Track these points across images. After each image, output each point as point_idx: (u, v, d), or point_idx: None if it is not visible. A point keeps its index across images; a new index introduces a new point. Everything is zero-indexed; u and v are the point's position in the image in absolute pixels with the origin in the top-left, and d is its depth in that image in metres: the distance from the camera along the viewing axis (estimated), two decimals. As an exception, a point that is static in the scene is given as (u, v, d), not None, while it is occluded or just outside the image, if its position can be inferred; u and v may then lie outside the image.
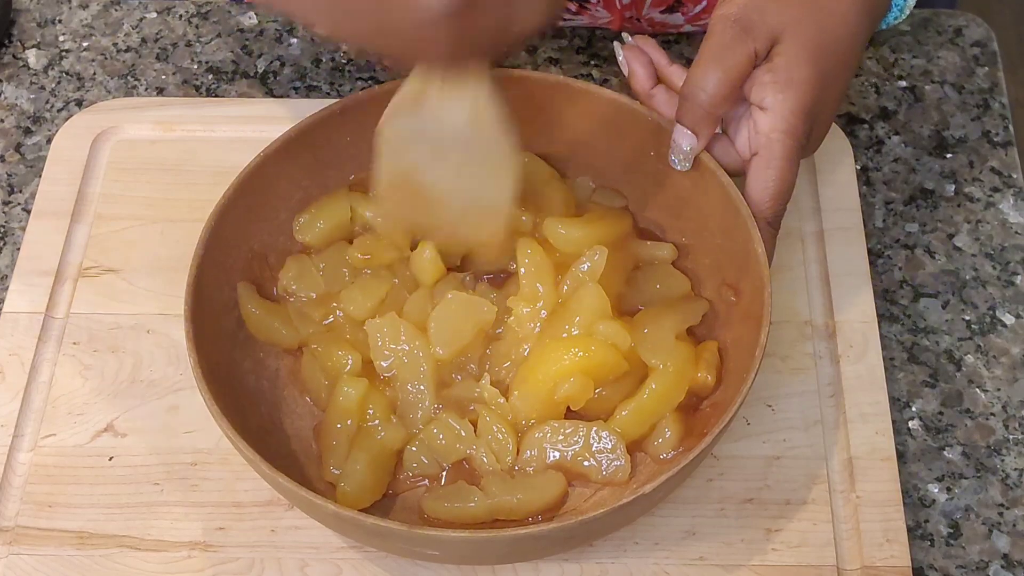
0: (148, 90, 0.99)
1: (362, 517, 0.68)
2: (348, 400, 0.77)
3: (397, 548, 0.73)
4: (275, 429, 0.78)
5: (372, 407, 0.77)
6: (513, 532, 0.68)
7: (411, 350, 0.78)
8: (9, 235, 0.92)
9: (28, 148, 0.96)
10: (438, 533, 0.68)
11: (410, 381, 0.78)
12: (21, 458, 0.81)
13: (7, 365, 0.84)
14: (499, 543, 0.69)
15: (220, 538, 0.77)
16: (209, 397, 0.71)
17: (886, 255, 0.90)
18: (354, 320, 0.81)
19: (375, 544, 0.74)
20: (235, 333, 0.80)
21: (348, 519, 0.68)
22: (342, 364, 0.79)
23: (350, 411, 0.77)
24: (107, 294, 0.87)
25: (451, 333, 0.78)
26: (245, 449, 0.69)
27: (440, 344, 0.78)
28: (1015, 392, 0.84)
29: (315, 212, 0.84)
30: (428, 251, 0.81)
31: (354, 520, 0.68)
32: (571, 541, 0.73)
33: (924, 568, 0.78)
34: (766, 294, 0.74)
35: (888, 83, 0.98)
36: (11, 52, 1.02)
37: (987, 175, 0.94)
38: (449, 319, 0.79)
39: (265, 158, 0.80)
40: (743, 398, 0.71)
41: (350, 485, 0.75)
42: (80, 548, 0.77)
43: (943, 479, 0.81)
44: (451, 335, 0.78)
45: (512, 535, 0.68)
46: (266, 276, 0.83)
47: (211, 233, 0.77)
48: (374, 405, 0.77)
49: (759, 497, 0.78)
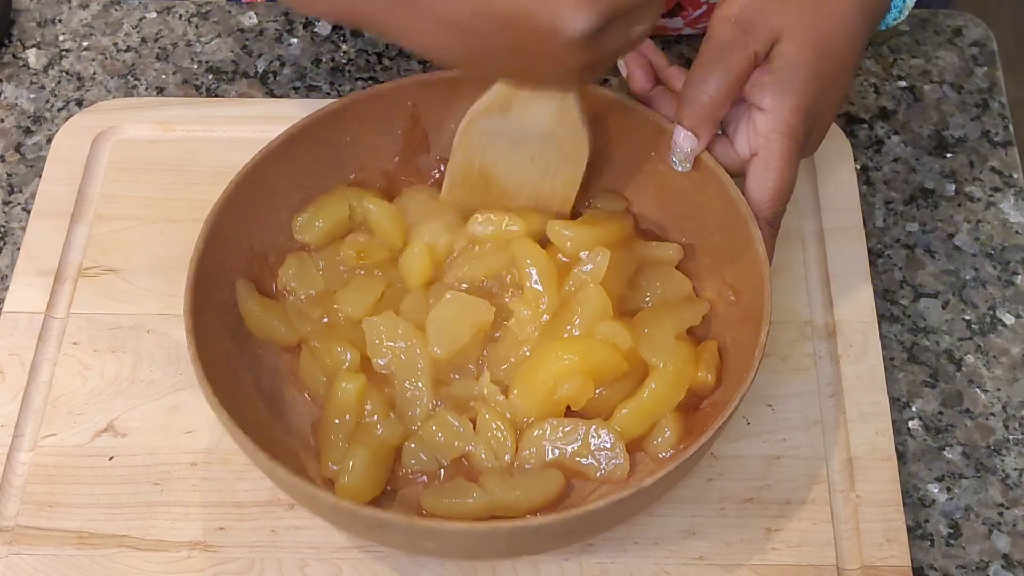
0: (148, 90, 0.99)
1: (360, 508, 0.68)
2: (347, 395, 0.77)
3: (395, 541, 0.73)
4: (274, 425, 0.78)
5: (370, 403, 0.77)
6: (512, 524, 0.68)
7: (408, 348, 0.78)
8: (9, 235, 0.92)
9: (28, 148, 0.96)
10: (436, 525, 0.68)
11: (407, 378, 0.78)
12: (21, 458, 0.81)
13: (7, 365, 0.84)
14: (498, 535, 0.69)
15: (220, 538, 0.77)
16: (209, 390, 0.71)
17: (886, 255, 0.90)
18: (351, 319, 0.81)
19: (373, 538, 0.74)
20: (235, 330, 0.80)
21: (346, 511, 0.68)
22: (340, 361, 0.79)
23: (348, 407, 0.77)
24: (107, 294, 0.87)
25: (449, 333, 0.78)
26: (244, 441, 0.69)
27: (438, 344, 0.78)
28: (1015, 392, 0.84)
29: (314, 211, 0.84)
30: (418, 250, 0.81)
31: (352, 512, 0.68)
32: (571, 535, 0.73)
33: (924, 568, 0.78)
34: (766, 294, 0.74)
35: (888, 83, 0.98)
36: (11, 52, 1.02)
37: (987, 175, 0.94)
38: (447, 319, 0.78)
39: (264, 156, 0.80)
40: (743, 397, 0.71)
41: (350, 480, 0.75)
42: (80, 548, 0.77)
43: (943, 479, 0.81)
44: (449, 335, 0.78)
45: (511, 527, 0.68)
46: (266, 274, 0.83)
47: (211, 229, 0.77)
48: (372, 401, 0.77)
49: (759, 497, 0.78)
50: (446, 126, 0.84)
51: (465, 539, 0.69)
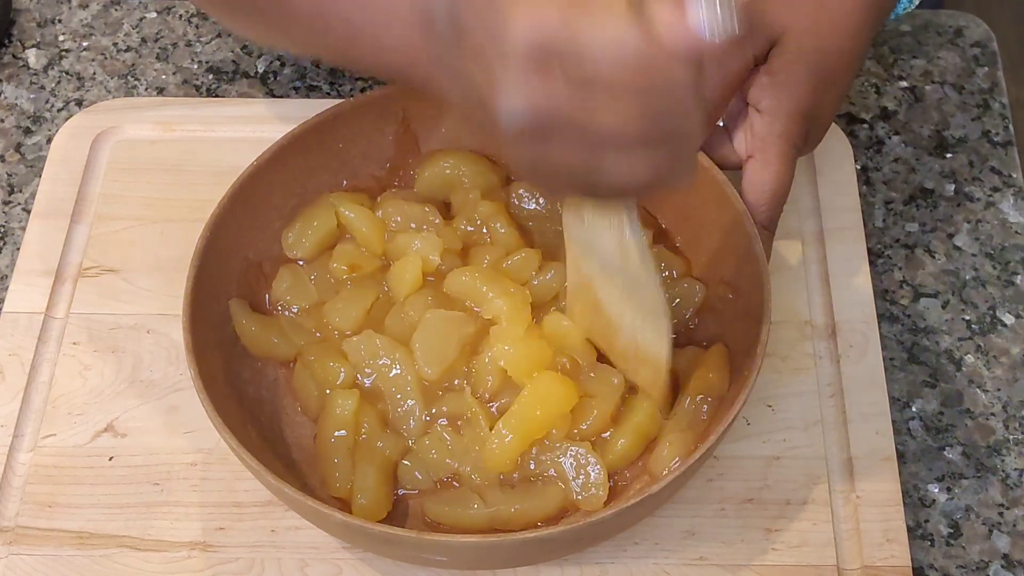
0: (148, 90, 0.99)
1: (370, 526, 0.68)
2: (344, 411, 0.76)
3: (406, 555, 0.73)
4: (276, 439, 0.78)
5: (367, 423, 0.77)
6: (521, 536, 0.68)
7: (391, 363, 0.78)
8: (9, 235, 0.92)
9: (28, 148, 0.96)
10: (447, 539, 0.68)
11: (398, 393, 0.78)
12: (21, 458, 0.81)
13: (7, 365, 0.84)
14: (506, 547, 0.69)
15: (220, 538, 0.77)
16: (212, 409, 0.71)
17: (886, 255, 0.90)
18: (342, 331, 0.80)
19: (382, 551, 0.74)
20: (233, 343, 0.80)
21: (357, 528, 0.68)
22: (334, 375, 0.79)
23: (345, 424, 0.76)
24: (107, 294, 0.87)
25: (437, 352, 0.78)
26: (250, 461, 0.69)
27: (427, 364, 0.77)
28: (1015, 392, 0.84)
29: (302, 226, 0.83)
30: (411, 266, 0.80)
31: (362, 529, 0.68)
32: (579, 543, 0.73)
33: (924, 568, 0.78)
34: (765, 292, 0.74)
35: (888, 83, 0.98)
36: (11, 52, 1.02)
37: (987, 175, 0.94)
38: (433, 338, 0.78)
39: (257, 168, 0.80)
40: (745, 397, 0.71)
41: (366, 498, 0.74)
42: (80, 548, 0.77)
43: (943, 479, 0.81)
44: (437, 354, 0.78)
45: (520, 539, 0.68)
46: (261, 285, 0.83)
47: (207, 244, 0.77)
48: (367, 419, 0.77)
49: (759, 497, 0.78)
50: (436, 130, 0.84)
51: (473, 552, 0.69)
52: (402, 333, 0.79)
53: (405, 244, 0.82)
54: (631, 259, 0.70)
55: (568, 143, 0.59)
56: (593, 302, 0.74)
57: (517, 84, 0.57)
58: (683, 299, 0.81)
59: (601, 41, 0.55)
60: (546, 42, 0.56)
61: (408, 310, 0.79)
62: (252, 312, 0.81)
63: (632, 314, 0.72)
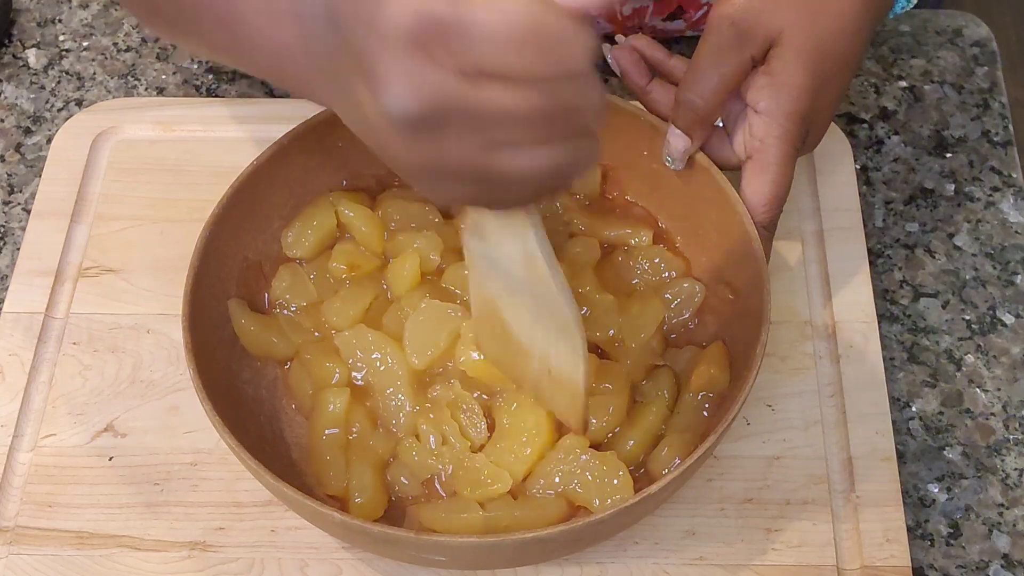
0: (148, 90, 0.99)
1: (370, 526, 0.68)
2: (335, 408, 0.77)
3: (405, 555, 0.73)
4: (275, 439, 0.78)
5: (357, 421, 0.77)
6: (521, 536, 0.67)
7: (383, 358, 0.78)
8: (9, 235, 0.92)
9: (28, 148, 0.96)
10: (447, 539, 0.68)
11: (388, 388, 0.78)
12: (21, 458, 0.81)
13: (7, 365, 0.84)
14: (506, 547, 0.69)
15: (220, 538, 0.77)
16: (211, 409, 0.71)
17: (886, 255, 0.90)
18: (340, 331, 0.80)
19: (382, 551, 0.74)
20: (233, 342, 0.80)
21: (356, 528, 0.68)
22: (329, 374, 0.79)
23: (337, 421, 0.77)
24: (107, 294, 0.87)
25: (425, 342, 0.78)
26: (249, 460, 0.69)
27: (415, 353, 0.78)
28: (1015, 392, 0.84)
29: (301, 226, 0.83)
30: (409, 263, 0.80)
31: (362, 529, 0.68)
32: (579, 543, 0.73)
33: (924, 568, 0.78)
34: (765, 291, 0.74)
35: (888, 83, 0.98)
36: (11, 52, 1.02)
37: (987, 175, 0.94)
38: (424, 328, 0.78)
39: (258, 167, 0.80)
40: (745, 397, 0.71)
41: (363, 497, 0.75)
42: (80, 548, 0.77)
43: (943, 479, 0.81)
44: (425, 344, 0.78)
45: (520, 539, 0.68)
46: (260, 284, 0.83)
47: (206, 244, 0.77)
48: (358, 417, 0.77)
49: (759, 497, 0.78)
50: None
51: (473, 552, 0.69)
52: (397, 330, 0.79)
53: (405, 243, 0.82)
54: (539, 273, 0.65)
55: (462, 135, 0.55)
56: (500, 325, 0.70)
57: (401, 72, 0.53)
58: (683, 299, 0.81)
59: (488, 15, 0.52)
60: (430, 22, 0.52)
61: (405, 307, 0.80)
62: (251, 312, 0.81)
63: (543, 334, 0.68)
